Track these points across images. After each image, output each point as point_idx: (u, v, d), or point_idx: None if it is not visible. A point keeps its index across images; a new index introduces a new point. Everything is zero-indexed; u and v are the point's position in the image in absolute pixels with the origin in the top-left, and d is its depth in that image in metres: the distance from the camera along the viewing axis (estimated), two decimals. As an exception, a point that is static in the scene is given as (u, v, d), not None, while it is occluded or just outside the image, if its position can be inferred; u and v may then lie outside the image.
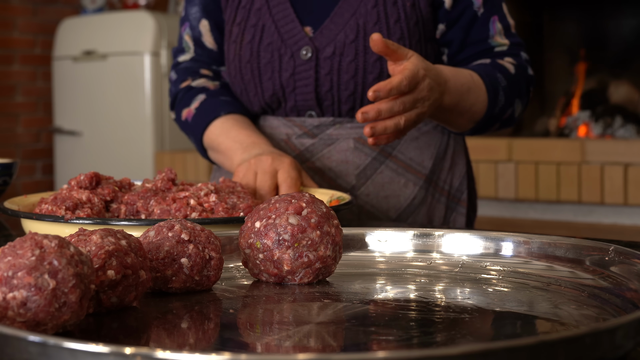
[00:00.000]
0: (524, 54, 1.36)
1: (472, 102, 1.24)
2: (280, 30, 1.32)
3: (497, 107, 1.28)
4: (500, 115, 1.30)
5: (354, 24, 1.29)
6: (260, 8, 1.34)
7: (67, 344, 0.45)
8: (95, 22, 3.94)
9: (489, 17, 1.34)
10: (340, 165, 1.34)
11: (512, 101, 1.31)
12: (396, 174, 1.35)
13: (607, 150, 2.96)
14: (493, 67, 1.30)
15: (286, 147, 1.36)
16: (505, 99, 1.29)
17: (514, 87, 1.30)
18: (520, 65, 1.34)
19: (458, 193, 1.42)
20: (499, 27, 1.35)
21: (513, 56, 1.35)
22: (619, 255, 0.70)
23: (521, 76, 1.33)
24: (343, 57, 1.29)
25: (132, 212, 1.00)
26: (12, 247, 0.56)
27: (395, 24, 1.29)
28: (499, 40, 1.35)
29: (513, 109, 1.32)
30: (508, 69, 1.31)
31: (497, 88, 1.27)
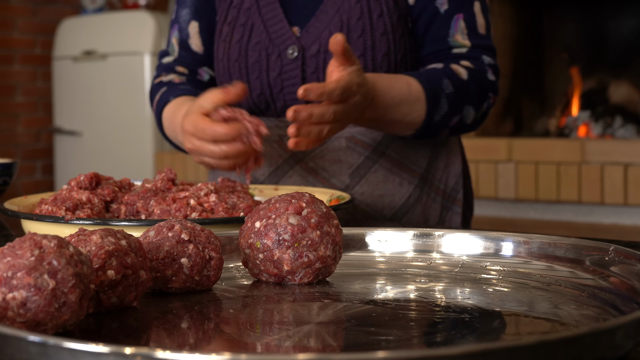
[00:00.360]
0: (487, 58, 1.32)
1: (403, 113, 1.22)
2: (268, 30, 1.32)
3: (437, 115, 1.25)
4: (445, 122, 1.27)
5: (338, 21, 1.29)
6: (250, 7, 1.34)
7: (67, 344, 0.45)
8: (95, 22, 3.94)
9: (453, 14, 1.30)
10: (334, 165, 1.34)
11: (460, 108, 1.27)
12: (390, 172, 1.35)
13: (607, 150, 2.96)
14: (442, 73, 1.26)
15: (279, 148, 1.36)
16: (449, 106, 1.25)
17: (462, 93, 1.26)
18: (476, 71, 1.29)
19: (454, 192, 1.41)
20: (462, 26, 1.31)
21: (471, 60, 1.30)
22: (619, 255, 0.70)
23: (475, 82, 1.28)
24: (327, 55, 1.29)
25: (132, 212, 1.00)
26: (12, 247, 0.56)
27: (379, 18, 1.29)
28: (459, 40, 1.31)
29: (461, 116, 1.28)
30: (459, 75, 1.27)
31: (438, 96, 1.24)
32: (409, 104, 1.22)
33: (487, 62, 1.31)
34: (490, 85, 1.31)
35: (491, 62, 1.32)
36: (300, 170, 1.34)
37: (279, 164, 1.36)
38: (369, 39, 1.29)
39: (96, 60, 3.86)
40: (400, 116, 1.23)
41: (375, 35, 1.28)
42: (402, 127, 1.26)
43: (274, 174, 1.36)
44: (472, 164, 3.15)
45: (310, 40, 1.30)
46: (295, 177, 1.35)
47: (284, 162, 1.36)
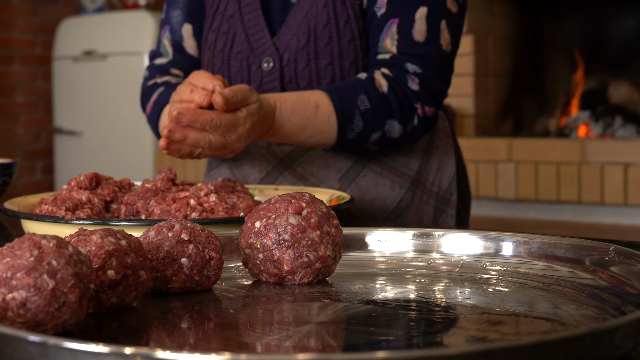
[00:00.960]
0: (412, 66, 1.25)
1: (307, 135, 1.21)
2: (249, 39, 1.31)
3: (351, 133, 1.22)
4: (363, 139, 1.24)
5: (306, 27, 1.27)
6: (232, 15, 1.32)
7: (67, 344, 0.45)
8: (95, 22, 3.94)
9: (388, 19, 1.25)
10: (322, 170, 1.33)
11: (379, 124, 1.23)
12: (380, 176, 1.34)
13: (607, 150, 2.96)
14: (361, 86, 1.22)
15: (267, 154, 1.36)
16: (364, 123, 1.22)
17: (382, 109, 1.22)
18: (396, 80, 1.24)
19: (447, 194, 1.40)
20: (393, 31, 1.25)
21: (391, 67, 1.25)
22: (619, 255, 0.70)
23: (395, 93, 1.23)
24: (297, 64, 1.28)
25: (132, 212, 1.00)
26: (11, 248, 0.56)
27: (346, 24, 1.27)
28: (387, 47, 1.25)
29: (383, 131, 1.24)
30: (379, 88, 1.22)
31: (351, 113, 1.21)
32: (313, 127, 1.20)
33: (412, 70, 1.25)
34: (413, 95, 1.24)
35: (417, 70, 1.25)
36: (289, 176, 1.34)
37: (269, 170, 1.36)
38: (336, 47, 1.27)
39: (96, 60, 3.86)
40: (304, 137, 1.22)
41: (343, 42, 1.27)
42: (311, 144, 1.25)
43: (264, 180, 1.36)
44: (472, 164, 3.15)
45: (283, 49, 1.29)
46: (285, 183, 1.35)
47: (273, 169, 1.36)
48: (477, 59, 3.42)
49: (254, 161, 1.38)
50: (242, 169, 1.39)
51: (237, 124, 1.09)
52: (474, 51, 3.39)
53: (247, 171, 1.38)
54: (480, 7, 3.49)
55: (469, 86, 3.40)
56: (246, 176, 1.38)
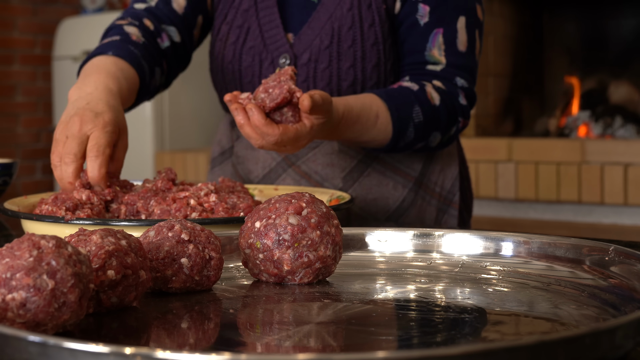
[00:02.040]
0: (461, 80, 1.27)
1: (362, 141, 1.22)
2: (264, 35, 1.30)
3: (402, 142, 1.23)
4: (409, 147, 1.26)
5: (329, 28, 1.27)
6: (247, 9, 1.32)
7: (67, 344, 0.45)
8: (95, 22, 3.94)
9: (432, 28, 1.26)
10: (327, 169, 1.33)
11: (427, 135, 1.25)
12: (384, 176, 1.34)
13: (607, 150, 2.96)
14: (415, 98, 1.22)
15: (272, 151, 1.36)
16: (415, 134, 1.23)
17: (432, 121, 1.24)
18: (448, 93, 1.25)
19: (450, 195, 1.40)
20: (440, 42, 1.26)
21: (444, 80, 1.26)
22: (619, 255, 0.70)
23: (446, 107, 1.24)
24: (318, 64, 1.28)
25: (132, 212, 1.00)
26: (10, 248, 0.56)
27: (370, 28, 1.27)
28: (435, 56, 1.27)
29: (427, 142, 1.26)
30: (431, 100, 1.23)
31: (406, 125, 1.22)
32: (369, 135, 1.20)
33: (461, 84, 1.27)
34: (460, 110, 1.27)
35: (465, 85, 1.27)
36: (293, 173, 1.34)
37: (272, 166, 1.36)
38: (359, 50, 1.27)
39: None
40: (357, 143, 1.23)
41: (366, 45, 1.27)
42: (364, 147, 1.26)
43: (267, 176, 1.36)
44: (472, 164, 3.15)
45: (302, 48, 1.29)
46: (289, 180, 1.34)
47: (277, 165, 1.36)
48: (477, 59, 3.41)
49: (257, 158, 1.37)
50: (246, 166, 1.39)
51: (299, 139, 1.06)
52: (474, 51, 3.39)
53: (251, 167, 1.38)
54: (480, 7, 3.49)
55: (469, 86, 3.40)
56: (249, 172, 1.38)
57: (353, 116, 1.16)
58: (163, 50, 1.31)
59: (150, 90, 1.29)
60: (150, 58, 1.26)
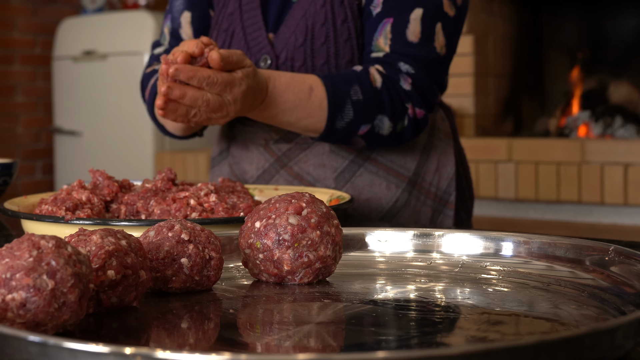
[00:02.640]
0: (405, 66, 1.24)
1: (298, 117, 1.20)
2: (247, 37, 1.31)
3: (341, 122, 1.21)
4: (351, 129, 1.23)
5: (303, 26, 1.27)
6: (232, 13, 1.33)
7: (67, 344, 0.45)
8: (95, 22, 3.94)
9: (382, 18, 1.25)
10: (318, 169, 1.33)
11: (370, 117, 1.22)
12: (376, 176, 1.34)
13: (607, 150, 2.96)
14: (356, 77, 1.21)
15: (265, 152, 1.36)
16: (355, 113, 1.21)
17: (373, 101, 1.21)
18: (388, 77, 1.23)
19: (446, 195, 1.39)
20: (387, 31, 1.24)
21: (385, 65, 1.24)
22: (619, 255, 0.70)
23: (388, 90, 1.22)
24: (294, 62, 1.28)
25: (132, 212, 1.00)
26: (9, 248, 0.56)
27: (343, 24, 1.27)
28: (380, 45, 1.25)
29: (372, 125, 1.23)
30: (373, 82, 1.22)
31: (343, 102, 1.20)
32: (305, 109, 1.19)
33: (405, 69, 1.24)
34: (405, 95, 1.24)
35: (410, 70, 1.24)
36: (285, 174, 1.35)
37: (265, 167, 1.37)
38: (332, 46, 1.27)
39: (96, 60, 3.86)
40: (294, 119, 1.21)
41: (339, 41, 1.27)
42: (299, 129, 1.24)
43: (260, 177, 1.37)
44: (472, 164, 3.15)
45: (280, 47, 1.29)
46: (281, 181, 1.35)
47: (270, 166, 1.36)
48: (477, 59, 3.42)
49: (251, 158, 1.38)
50: (241, 166, 1.40)
51: (234, 84, 1.08)
52: (474, 51, 3.39)
53: (246, 168, 1.39)
54: (480, 7, 3.49)
55: (469, 86, 3.40)
56: (244, 173, 1.39)
57: (282, 83, 1.17)
58: None
59: None
60: None
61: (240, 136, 1.40)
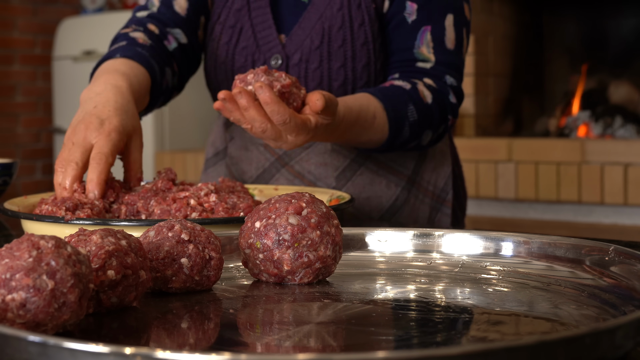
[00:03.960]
0: (450, 79, 1.27)
1: (363, 141, 1.20)
2: (256, 35, 1.30)
3: (398, 141, 1.23)
4: (403, 146, 1.26)
5: (320, 28, 1.27)
6: (240, 9, 1.32)
7: (67, 344, 0.45)
8: (95, 22, 3.94)
9: (420, 26, 1.26)
10: (320, 168, 1.34)
11: (420, 133, 1.24)
12: (377, 175, 1.34)
13: (607, 150, 2.96)
14: (409, 97, 1.22)
15: (265, 151, 1.36)
16: (410, 133, 1.23)
17: (425, 119, 1.24)
18: (439, 92, 1.26)
19: (443, 193, 1.40)
20: (428, 39, 1.26)
21: (435, 79, 1.26)
22: (619, 255, 0.70)
23: (438, 105, 1.25)
24: (309, 64, 1.28)
25: (133, 212, 1.00)
26: (9, 249, 0.56)
27: (360, 28, 1.27)
28: (424, 53, 1.27)
29: (419, 140, 1.26)
30: (424, 99, 1.23)
31: (402, 124, 1.21)
32: (367, 136, 1.20)
33: (450, 82, 1.27)
34: (450, 108, 1.27)
35: (454, 83, 1.28)
36: (286, 173, 1.35)
37: (266, 167, 1.36)
38: (349, 50, 1.27)
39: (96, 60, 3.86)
40: (354, 144, 1.22)
41: (356, 45, 1.27)
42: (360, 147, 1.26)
43: (261, 177, 1.36)
44: (472, 164, 3.15)
45: (293, 49, 1.29)
46: (282, 180, 1.35)
47: (270, 166, 1.36)
48: (477, 59, 3.42)
49: (251, 158, 1.38)
50: (240, 166, 1.39)
51: (302, 132, 1.03)
52: (474, 51, 3.39)
53: (245, 168, 1.38)
54: (480, 7, 3.49)
55: (469, 86, 3.41)
56: (243, 173, 1.39)
57: (352, 117, 1.15)
58: (171, 52, 1.30)
59: (163, 90, 1.28)
60: (159, 58, 1.25)
61: (238, 137, 1.40)
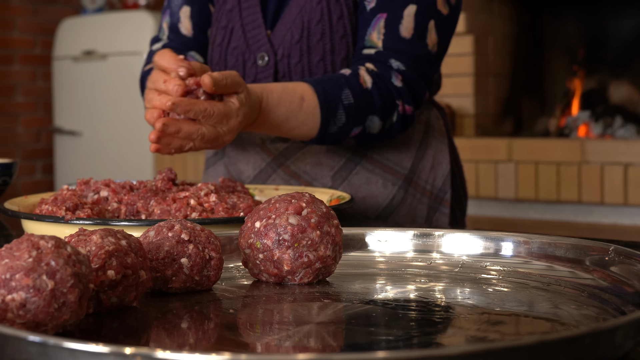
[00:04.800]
0: (397, 63, 1.24)
1: (291, 127, 1.19)
2: (246, 35, 1.31)
3: (334, 127, 1.22)
4: (344, 132, 1.23)
5: (300, 22, 1.27)
6: (231, 9, 1.33)
7: (67, 344, 0.45)
8: (95, 22, 3.94)
9: (376, 13, 1.25)
10: (315, 168, 1.34)
11: (361, 119, 1.22)
12: (373, 174, 1.34)
13: (607, 150, 2.96)
14: (345, 81, 1.21)
15: (261, 152, 1.36)
16: (347, 117, 1.22)
17: (363, 104, 1.22)
18: (381, 76, 1.23)
19: (441, 193, 1.40)
20: (380, 26, 1.24)
21: (377, 62, 1.24)
22: (619, 255, 0.70)
23: (379, 89, 1.22)
24: (291, 59, 1.28)
25: (132, 212, 1.00)
26: (9, 249, 0.56)
27: (339, 21, 1.27)
28: (373, 40, 1.25)
29: (364, 126, 1.23)
30: (363, 84, 1.22)
31: (335, 107, 1.20)
32: (297, 119, 1.19)
33: (396, 66, 1.24)
34: (396, 92, 1.24)
35: (401, 67, 1.24)
36: (282, 174, 1.35)
37: (262, 167, 1.37)
38: (328, 43, 1.27)
39: (96, 60, 3.86)
40: (287, 130, 1.20)
41: (335, 38, 1.27)
42: (293, 137, 1.24)
43: (257, 177, 1.37)
44: (472, 164, 3.15)
45: (277, 44, 1.29)
46: (278, 180, 1.35)
47: (267, 166, 1.36)
48: (477, 59, 3.42)
49: (248, 158, 1.38)
50: (237, 166, 1.40)
51: (230, 115, 1.07)
52: (474, 51, 3.39)
53: (242, 168, 1.39)
54: (480, 7, 3.49)
55: (469, 86, 3.40)
56: (240, 173, 1.39)
57: (274, 98, 1.16)
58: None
59: None
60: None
61: (237, 137, 1.40)
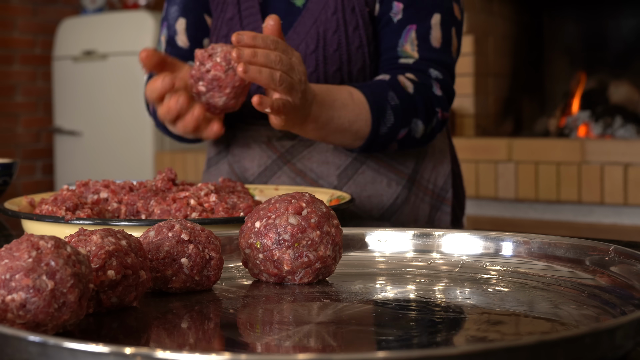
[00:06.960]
0: (435, 72, 1.28)
1: (350, 119, 1.19)
2: None
3: (384, 126, 1.22)
4: (393, 134, 1.24)
5: (315, 33, 1.28)
6: (232, 18, 1.33)
7: (67, 344, 0.45)
8: (95, 22, 3.94)
9: (405, 25, 1.27)
10: (322, 166, 1.34)
11: (408, 121, 1.24)
12: (378, 173, 1.35)
13: (607, 150, 2.96)
14: (388, 85, 1.23)
15: (267, 149, 1.36)
16: (395, 118, 1.22)
17: (408, 106, 1.23)
18: (422, 84, 1.26)
19: (443, 192, 1.41)
20: (413, 37, 1.27)
21: (416, 72, 1.27)
22: (619, 255, 0.70)
23: (421, 95, 1.24)
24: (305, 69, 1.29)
25: (132, 212, 1.00)
26: (9, 249, 0.56)
27: (354, 31, 1.28)
28: (407, 51, 1.27)
29: (409, 129, 1.25)
30: (405, 88, 1.24)
31: (384, 107, 1.21)
32: (353, 109, 1.19)
33: (435, 75, 1.27)
34: (436, 100, 1.27)
35: (439, 76, 1.28)
36: (288, 171, 1.35)
37: (268, 164, 1.37)
38: (344, 53, 1.28)
39: (96, 60, 3.86)
40: (347, 122, 1.19)
41: (351, 49, 1.28)
42: (350, 135, 1.22)
43: (262, 174, 1.37)
44: (472, 164, 3.15)
45: None
46: (284, 177, 1.35)
47: (273, 163, 1.36)
48: (477, 59, 3.42)
49: (253, 155, 1.38)
50: (242, 164, 1.40)
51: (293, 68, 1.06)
52: (474, 51, 3.39)
53: (247, 165, 1.39)
54: (480, 7, 3.49)
55: (469, 86, 3.41)
56: (245, 171, 1.39)
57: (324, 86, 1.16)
58: None
59: None
60: None
61: (241, 135, 1.40)
